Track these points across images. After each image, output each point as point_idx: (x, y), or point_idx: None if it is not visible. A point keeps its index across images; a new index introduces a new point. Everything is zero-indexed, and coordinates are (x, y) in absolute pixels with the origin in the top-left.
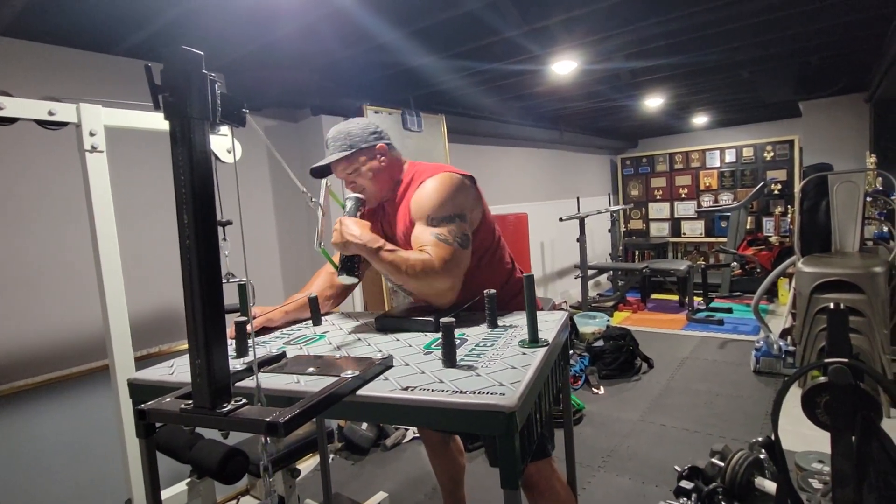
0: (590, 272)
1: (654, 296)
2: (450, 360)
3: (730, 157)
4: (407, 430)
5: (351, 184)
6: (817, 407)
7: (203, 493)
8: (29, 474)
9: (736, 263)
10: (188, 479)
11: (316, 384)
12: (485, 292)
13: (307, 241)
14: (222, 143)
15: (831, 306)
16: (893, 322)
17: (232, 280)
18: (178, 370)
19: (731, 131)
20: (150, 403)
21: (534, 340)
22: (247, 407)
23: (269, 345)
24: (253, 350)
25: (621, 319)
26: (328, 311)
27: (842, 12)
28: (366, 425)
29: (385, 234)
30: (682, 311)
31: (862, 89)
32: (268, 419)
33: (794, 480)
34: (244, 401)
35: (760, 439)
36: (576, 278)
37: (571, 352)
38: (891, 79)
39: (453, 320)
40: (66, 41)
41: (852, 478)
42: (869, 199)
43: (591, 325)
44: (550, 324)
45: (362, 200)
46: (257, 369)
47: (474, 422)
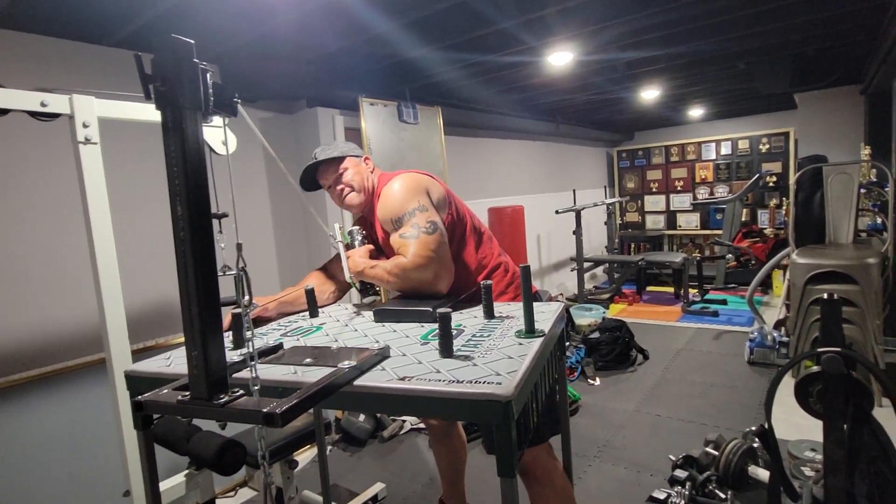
0: (586, 265)
1: (650, 288)
2: (446, 350)
3: (725, 149)
4: (404, 421)
5: (338, 186)
6: (810, 396)
7: (201, 485)
8: (25, 468)
9: (731, 255)
10: (186, 471)
11: (313, 375)
12: (481, 283)
13: (303, 235)
14: (217, 134)
15: (825, 297)
16: (886, 313)
17: (228, 273)
18: (174, 362)
19: (727, 123)
20: (147, 395)
21: (530, 331)
22: (244, 398)
23: (266, 336)
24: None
25: (617, 311)
26: (324, 305)
27: (838, 3)
28: (363, 417)
29: (375, 242)
30: (677, 303)
31: (857, 81)
32: (265, 409)
33: (786, 468)
34: (241, 392)
35: (754, 428)
36: (572, 271)
37: (568, 344)
38: (886, 70)
39: (450, 311)
40: (57, 32)
41: (844, 465)
42: (863, 190)
43: (587, 318)
44: (547, 315)
45: (359, 229)
46: (256, 357)
47: (471, 411)
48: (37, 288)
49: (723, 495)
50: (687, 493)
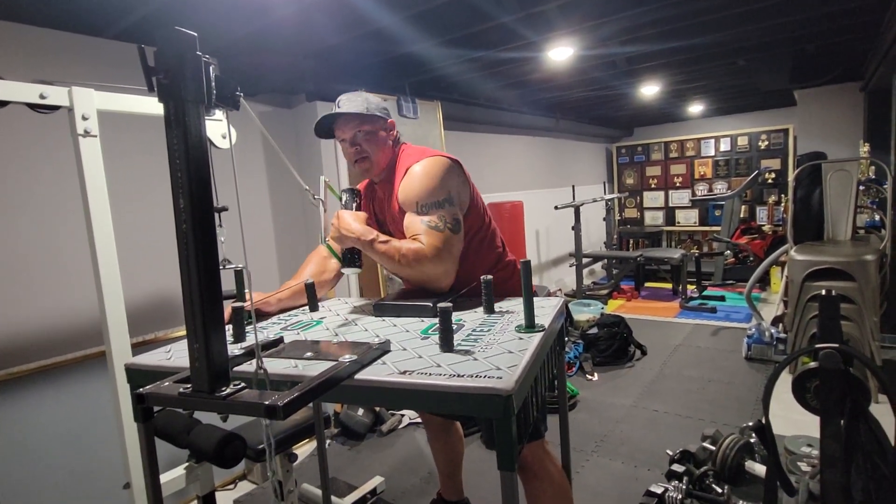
0: (584, 260)
1: (648, 284)
2: (447, 344)
3: (725, 145)
4: (403, 415)
5: (355, 145)
6: (807, 391)
7: (201, 478)
8: (25, 460)
9: (729, 252)
10: (186, 464)
11: (314, 368)
12: (482, 278)
13: (303, 229)
14: (217, 128)
15: (823, 293)
16: (883, 309)
17: (228, 266)
18: (175, 355)
19: (727, 120)
20: (148, 387)
21: (530, 326)
22: (246, 390)
23: (267, 330)
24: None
25: (615, 307)
26: (324, 293)
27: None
28: (362, 411)
29: (376, 218)
30: (675, 299)
31: (857, 78)
32: (267, 402)
33: (783, 463)
34: (243, 384)
35: (751, 424)
36: (570, 266)
37: (566, 339)
38: (886, 67)
39: (451, 305)
40: (56, 24)
41: (840, 460)
42: (862, 187)
43: (585, 313)
44: (546, 309)
45: (357, 192)
46: (259, 351)
47: (472, 405)
48: (37, 281)
49: (719, 490)
50: (684, 487)
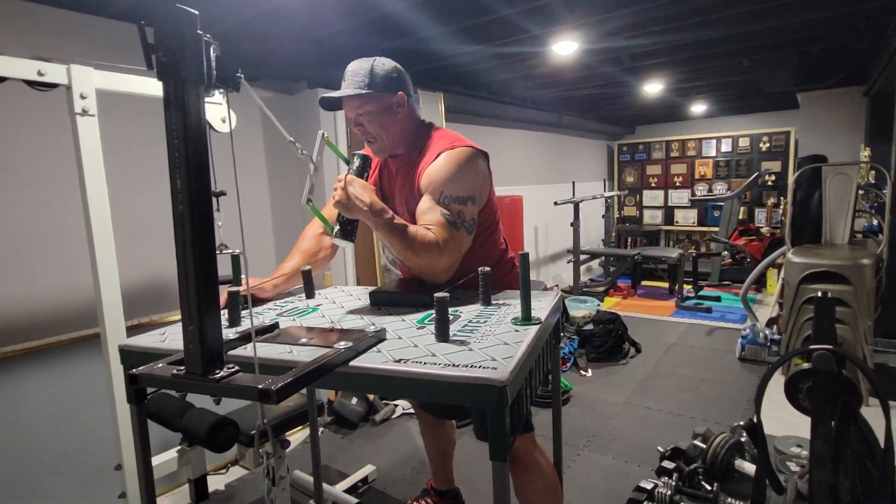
0: (582, 257)
1: (645, 282)
2: (443, 334)
3: (726, 146)
4: (396, 405)
5: (359, 126)
6: (800, 392)
7: (193, 461)
8: (17, 440)
9: (727, 253)
10: (178, 447)
11: (309, 354)
12: (479, 270)
13: (301, 214)
14: (216, 112)
15: (819, 295)
16: (877, 314)
17: (225, 251)
18: (169, 338)
19: (728, 120)
20: (142, 368)
21: (527, 318)
22: (239, 374)
23: (262, 316)
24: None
25: (611, 304)
26: (320, 271)
27: (845, 2)
28: (355, 400)
29: (382, 193)
30: (671, 299)
31: (860, 82)
32: (260, 386)
33: (772, 463)
34: (237, 367)
35: (742, 423)
36: (568, 262)
37: (561, 335)
38: (890, 72)
39: (447, 296)
40: (54, 0)
41: (829, 460)
42: (861, 191)
43: (581, 309)
44: (543, 303)
45: (370, 160)
46: (255, 336)
47: (466, 395)
48: (32, 261)
49: (709, 487)
50: (674, 483)
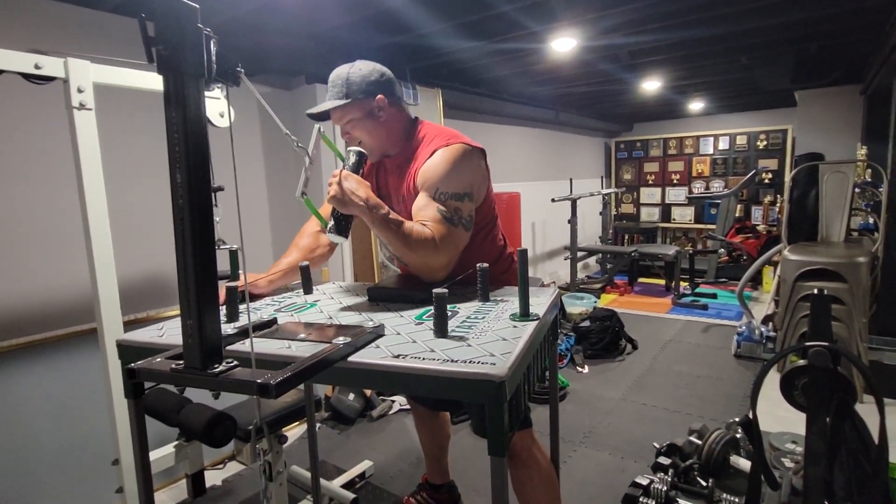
0: (579, 254)
1: (642, 279)
2: (441, 330)
3: (723, 144)
4: (393, 401)
5: (346, 134)
6: (795, 388)
7: (190, 456)
8: (14, 434)
9: (723, 250)
10: (175, 442)
11: (307, 350)
12: (477, 266)
13: (299, 211)
14: (214, 106)
15: (815, 292)
16: (872, 311)
17: (223, 247)
18: (168, 332)
19: (726, 118)
20: (140, 363)
21: (525, 314)
22: (238, 368)
23: (260, 311)
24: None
25: (608, 301)
26: (317, 268)
27: (844, 0)
28: (353, 396)
29: (379, 192)
30: (668, 296)
31: (858, 81)
32: (259, 380)
33: (767, 459)
34: (236, 362)
35: (737, 419)
36: (565, 259)
37: (559, 331)
38: (887, 71)
39: (446, 291)
40: None
41: (824, 456)
42: (857, 190)
43: (578, 306)
44: (541, 299)
45: (365, 156)
46: (251, 331)
47: (465, 390)
48: (30, 255)
49: (704, 483)
50: (669, 479)
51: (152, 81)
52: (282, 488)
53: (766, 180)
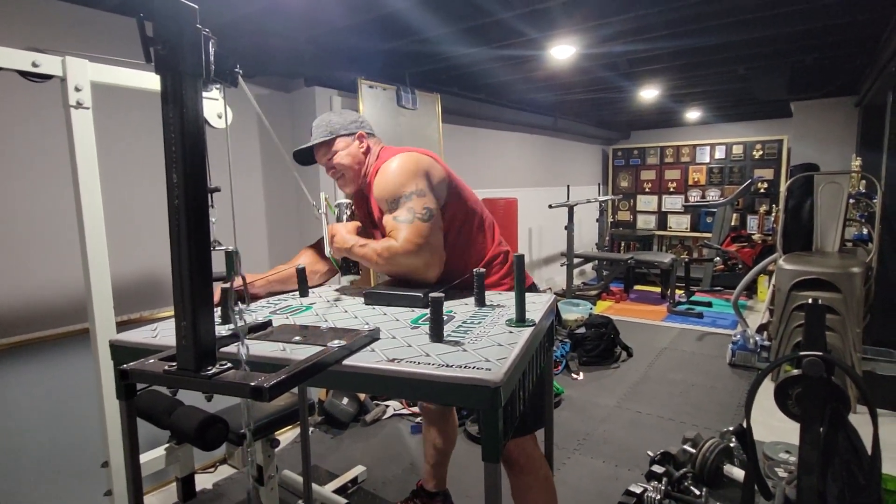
0: (576, 260)
1: (638, 287)
2: (437, 335)
3: (720, 153)
4: (387, 406)
5: (331, 169)
6: (789, 398)
7: (181, 459)
8: (3, 434)
9: (719, 259)
10: (166, 445)
11: (302, 353)
12: (474, 271)
13: (294, 213)
14: (212, 107)
15: (809, 302)
16: (866, 322)
17: (218, 248)
18: (161, 334)
19: (723, 128)
20: (132, 364)
21: (521, 320)
22: (232, 371)
23: (255, 313)
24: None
25: (604, 308)
26: (313, 285)
27: (839, 13)
28: (346, 400)
29: (370, 220)
30: (663, 303)
31: (853, 93)
32: (253, 383)
33: (761, 468)
34: (229, 365)
35: (732, 428)
36: (561, 266)
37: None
38: (882, 83)
39: (442, 295)
40: None
41: (818, 466)
42: (852, 200)
43: (574, 313)
44: (538, 305)
45: (348, 203)
46: (245, 332)
47: (460, 395)
48: (21, 254)
49: (697, 492)
50: (663, 488)
51: (150, 81)
52: (273, 493)
53: (762, 190)
